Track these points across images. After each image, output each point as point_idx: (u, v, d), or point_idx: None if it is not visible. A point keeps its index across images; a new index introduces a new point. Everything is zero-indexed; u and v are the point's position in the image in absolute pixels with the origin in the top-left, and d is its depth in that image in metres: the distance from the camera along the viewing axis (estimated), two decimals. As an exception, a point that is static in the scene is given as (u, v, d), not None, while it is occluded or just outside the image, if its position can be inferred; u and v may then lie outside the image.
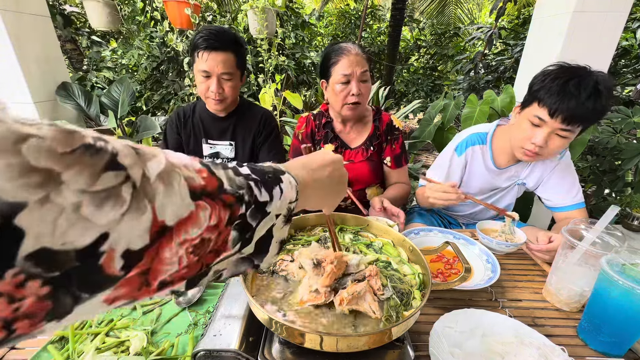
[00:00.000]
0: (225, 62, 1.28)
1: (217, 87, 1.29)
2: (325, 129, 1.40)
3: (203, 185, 0.27)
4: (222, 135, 1.46)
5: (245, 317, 0.63)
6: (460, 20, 7.09)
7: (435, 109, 2.29)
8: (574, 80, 0.97)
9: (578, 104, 0.95)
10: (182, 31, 3.04)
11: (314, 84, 4.29)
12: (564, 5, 1.74)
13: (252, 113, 1.48)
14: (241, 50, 1.34)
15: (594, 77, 0.96)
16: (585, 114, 0.97)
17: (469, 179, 1.32)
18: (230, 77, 1.30)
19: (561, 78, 0.99)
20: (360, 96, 1.24)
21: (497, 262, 0.90)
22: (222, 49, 1.26)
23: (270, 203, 0.34)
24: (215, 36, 1.25)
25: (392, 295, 0.63)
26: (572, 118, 0.98)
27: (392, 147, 1.40)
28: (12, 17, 1.77)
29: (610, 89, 0.98)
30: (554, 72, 1.02)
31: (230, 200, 0.29)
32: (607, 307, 0.66)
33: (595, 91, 0.95)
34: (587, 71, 0.98)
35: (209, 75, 1.28)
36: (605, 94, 0.96)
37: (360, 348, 0.51)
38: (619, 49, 3.22)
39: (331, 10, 7.18)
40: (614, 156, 1.89)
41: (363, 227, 0.86)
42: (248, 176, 0.33)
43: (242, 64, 1.37)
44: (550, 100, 0.99)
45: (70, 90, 2.08)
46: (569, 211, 1.20)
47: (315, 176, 0.47)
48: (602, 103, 0.96)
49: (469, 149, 1.28)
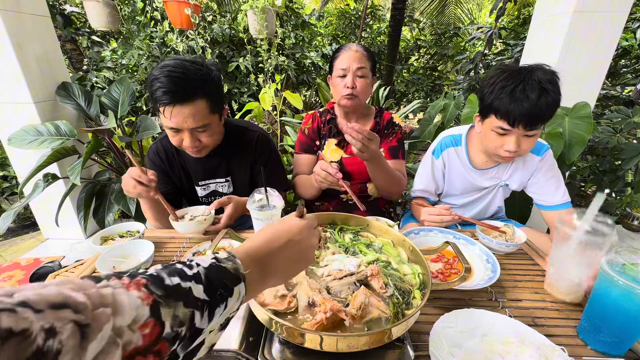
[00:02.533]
0: (195, 115, 1.02)
1: (192, 142, 1.06)
2: (329, 125, 1.46)
3: (139, 347, 0.28)
4: (215, 173, 1.29)
5: (245, 317, 0.63)
6: (460, 20, 7.08)
7: (435, 109, 2.29)
8: (519, 86, 1.00)
9: (531, 107, 0.99)
10: (182, 31, 3.04)
11: (314, 84, 4.29)
12: (564, 5, 1.74)
13: (245, 140, 1.28)
14: (213, 89, 1.06)
15: (535, 77, 1.00)
16: (541, 114, 1.01)
17: (450, 180, 1.35)
18: (205, 127, 1.07)
19: (507, 86, 1.02)
20: (354, 89, 1.30)
21: (497, 262, 0.90)
22: (188, 100, 0.99)
23: (208, 325, 0.35)
24: (176, 85, 0.97)
25: (395, 293, 0.63)
26: (532, 121, 1.02)
27: (389, 140, 1.43)
28: (12, 17, 1.77)
29: (554, 81, 1.01)
30: (499, 81, 1.05)
31: (163, 347, 0.30)
32: (607, 307, 0.66)
33: (542, 90, 0.98)
34: (528, 72, 1.02)
35: (179, 130, 1.05)
36: (552, 88, 1.00)
37: (360, 348, 0.51)
38: (619, 49, 3.22)
39: (331, 10, 7.18)
40: (614, 156, 1.89)
41: (363, 227, 0.86)
42: (197, 301, 0.34)
43: (219, 104, 1.11)
44: (504, 111, 1.03)
45: (70, 90, 2.08)
46: (559, 210, 1.22)
47: (279, 264, 0.48)
48: (552, 98, 0.99)
49: (444, 151, 1.32)
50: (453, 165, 1.32)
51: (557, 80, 1.02)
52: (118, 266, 0.90)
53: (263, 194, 1.01)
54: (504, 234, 1.05)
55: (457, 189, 1.36)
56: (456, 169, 1.32)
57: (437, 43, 6.51)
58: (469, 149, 1.30)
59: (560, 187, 1.22)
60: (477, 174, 1.29)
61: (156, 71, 0.99)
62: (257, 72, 3.12)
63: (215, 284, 0.37)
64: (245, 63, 2.96)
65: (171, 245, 1.07)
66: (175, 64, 1.00)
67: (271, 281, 0.47)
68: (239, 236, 0.78)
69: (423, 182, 1.38)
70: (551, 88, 0.99)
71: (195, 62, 1.05)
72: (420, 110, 4.84)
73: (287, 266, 0.49)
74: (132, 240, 0.99)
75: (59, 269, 1.73)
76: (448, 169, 1.34)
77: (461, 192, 1.36)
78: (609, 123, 1.95)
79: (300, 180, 1.46)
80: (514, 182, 1.28)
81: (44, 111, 1.98)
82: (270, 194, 1.02)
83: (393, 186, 1.34)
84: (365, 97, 1.36)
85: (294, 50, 4.03)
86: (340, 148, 1.44)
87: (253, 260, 0.44)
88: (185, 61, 1.03)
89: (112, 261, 0.90)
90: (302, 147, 1.49)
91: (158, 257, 1.00)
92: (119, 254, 0.92)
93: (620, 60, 3.43)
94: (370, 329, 0.56)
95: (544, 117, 1.02)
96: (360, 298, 0.58)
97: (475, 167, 1.29)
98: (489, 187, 1.32)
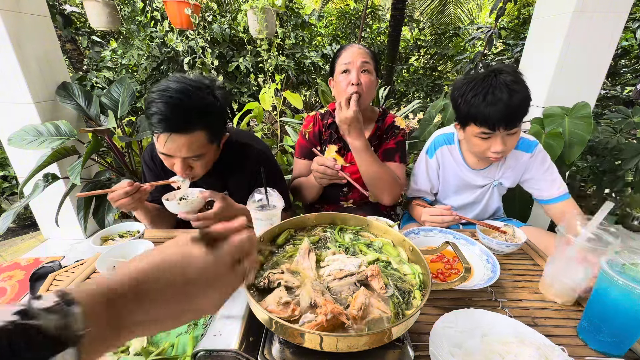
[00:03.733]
0: (191, 145, 0.93)
1: (183, 169, 0.99)
2: (330, 129, 1.41)
3: None
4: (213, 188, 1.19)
5: (245, 317, 0.63)
6: (460, 20, 7.09)
7: (435, 109, 2.29)
8: (489, 92, 1.04)
9: (505, 108, 1.02)
10: (182, 31, 3.04)
11: (314, 84, 4.30)
12: (564, 5, 1.74)
13: (244, 156, 1.21)
14: (215, 119, 0.97)
15: (501, 80, 1.03)
16: (516, 112, 1.05)
17: (445, 179, 1.36)
18: (200, 157, 0.99)
19: (478, 94, 1.06)
20: (360, 86, 1.21)
21: (497, 262, 0.90)
22: (185, 131, 0.90)
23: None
24: (174, 113, 0.87)
25: (395, 293, 0.63)
26: (510, 121, 1.05)
27: (387, 142, 1.37)
28: (12, 17, 1.77)
29: (519, 79, 1.05)
30: (469, 90, 1.09)
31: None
32: (607, 307, 0.66)
33: (510, 91, 1.02)
34: (493, 76, 1.05)
35: (171, 156, 0.98)
36: (519, 87, 1.03)
37: (360, 348, 0.51)
38: (619, 49, 3.22)
39: (331, 10, 7.18)
40: (614, 156, 1.89)
41: (363, 227, 0.86)
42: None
43: (219, 134, 1.03)
44: (482, 118, 1.06)
45: (70, 90, 2.08)
46: (557, 203, 1.23)
47: (152, 313, 0.32)
48: (522, 94, 1.03)
49: (437, 150, 1.33)
50: (447, 163, 1.33)
51: (521, 78, 1.07)
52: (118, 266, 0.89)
53: (263, 194, 1.01)
54: (504, 234, 1.05)
55: (452, 188, 1.36)
56: (450, 167, 1.33)
57: (437, 43, 6.50)
58: (462, 148, 1.31)
59: (555, 180, 1.24)
60: (471, 172, 1.31)
61: (155, 93, 0.89)
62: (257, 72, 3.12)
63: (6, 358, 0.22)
64: (245, 63, 2.96)
65: (171, 245, 1.07)
66: (177, 88, 0.89)
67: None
68: (239, 236, 0.78)
69: (418, 181, 1.38)
70: (518, 87, 1.03)
71: (201, 87, 0.94)
72: (420, 110, 4.83)
73: (167, 316, 0.34)
74: (132, 240, 0.99)
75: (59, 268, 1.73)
76: (442, 168, 1.34)
77: (456, 191, 1.37)
78: (609, 123, 1.95)
79: (299, 182, 1.43)
80: (507, 180, 1.29)
81: (44, 111, 1.98)
82: (271, 194, 1.01)
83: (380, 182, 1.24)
84: (370, 97, 1.30)
85: (294, 50, 4.03)
86: (341, 156, 1.38)
87: (107, 306, 0.29)
88: (191, 85, 0.91)
89: (112, 261, 0.90)
90: (302, 152, 1.45)
91: (158, 257, 1.00)
92: (119, 254, 0.92)
93: (620, 60, 3.43)
94: (371, 329, 0.56)
95: (520, 114, 1.06)
96: (361, 299, 0.58)
97: (469, 166, 1.30)
98: (483, 186, 1.32)
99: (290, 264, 0.70)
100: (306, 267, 0.70)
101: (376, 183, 1.24)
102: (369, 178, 1.24)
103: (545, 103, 1.89)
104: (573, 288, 0.79)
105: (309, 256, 0.72)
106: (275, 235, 0.80)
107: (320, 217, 0.87)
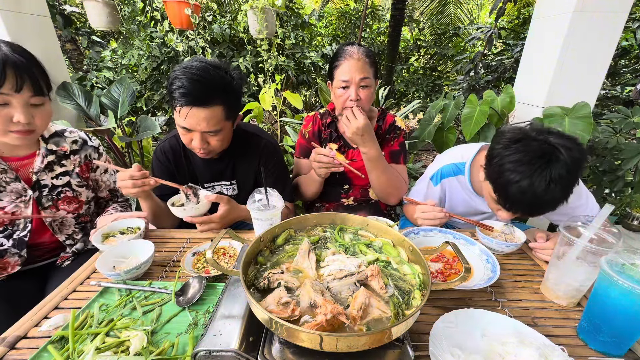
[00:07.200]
0: (210, 120, 1.01)
1: (201, 143, 1.06)
2: (329, 129, 1.44)
3: None
4: (220, 176, 1.29)
5: (245, 317, 0.63)
6: (460, 20, 7.09)
7: (435, 109, 2.29)
8: (533, 178, 0.84)
9: (533, 199, 0.86)
10: (182, 31, 3.04)
11: (314, 84, 4.29)
12: (564, 5, 1.74)
13: (252, 146, 1.27)
14: (232, 97, 1.05)
15: (556, 170, 0.83)
16: (544, 210, 0.92)
17: (452, 205, 1.30)
18: (217, 132, 1.06)
19: (518, 172, 0.86)
20: (358, 102, 1.25)
21: (497, 262, 0.90)
22: (205, 104, 0.98)
23: None
24: (196, 88, 0.96)
25: (395, 293, 0.63)
26: (531, 214, 0.99)
27: (391, 144, 1.41)
28: (12, 17, 1.77)
29: (572, 178, 0.85)
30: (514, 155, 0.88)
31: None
32: (607, 307, 0.66)
33: (551, 190, 0.84)
34: (544, 164, 0.84)
35: (191, 130, 1.05)
36: (565, 183, 0.84)
37: (360, 348, 0.51)
38: (619, 49, 3.22)
39: (331, 11, 7.18)
40: (613, 156, 1.89)
41: (363, 227, 0.86)
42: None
43: (235, 111, 1.10)
44: (504, 201, 0.94)
45: (70, 90, 2.08)
46: None
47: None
48: (561, 196, 0.86)
49: (444, 180, 1.26)
50: (455, 192, 1.27)
51: (577, 169, 0.85)
52: (118, 266, 0.90)
53: (263, 194, 1.01)
54: (503, 234, 1.05)
55: (459, 212, 1.28)
56: (458, 196, 1.27)
57: (437, 43, 6.51)
58: (473, 177, 1.21)
59: (588, 204, 1.12)
60: (480, 199, 1.23)
61: (178, 70, 0.98)
62: (257, 72, 3.12)
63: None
64: (245, 63, 2.96)
65: (171, 245, 1.07)
66: (199, 66, 0.99)
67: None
68: (239, 236, 0.78)
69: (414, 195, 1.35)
70: (564, 183, 0.84)
71: (220, 67, 1.04)
72: (420, 110, 4.84)
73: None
74: (132, 240, 0.99)
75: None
76: (449, 196, 1.29)
77: (462, 213, 1.32)
78: (609, 123, 1.95)
79: (300, 180, 1.46)
80: None
81: (44, 111, 1.97)
82: (271, 194, 1.02)
83: (390, 188, 1.30)
84: (369, 104, 1.33)
85: (294, 50, 4.02)
86: (341, 153, 1.40)
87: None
88: (210, 65, 1.01)
89: (113, 261, 0.90)
90: (302, 152, 1.48)
91: (158, 256, 1.00)
92: (119, 253, 0.92)
93: (620, 60, 3.44)
94: (371, 329, 0.56)
95: (543, 211, 0.92)
96: (361, 299, 0.58)
97: (479, 194, 1.22)
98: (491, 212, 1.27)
99: (290, 264, 0.70)
100: (306, 267, 0.70)
101: (386, 188, 1.31)
102: (382, 184, 1.28)
103: (545, 103, 1.89)
104: (577, 288, 0.79)
105: (309, 256, 0.72)
106: (275, 235, 0.80)
107: (320, 217, 0.87)
